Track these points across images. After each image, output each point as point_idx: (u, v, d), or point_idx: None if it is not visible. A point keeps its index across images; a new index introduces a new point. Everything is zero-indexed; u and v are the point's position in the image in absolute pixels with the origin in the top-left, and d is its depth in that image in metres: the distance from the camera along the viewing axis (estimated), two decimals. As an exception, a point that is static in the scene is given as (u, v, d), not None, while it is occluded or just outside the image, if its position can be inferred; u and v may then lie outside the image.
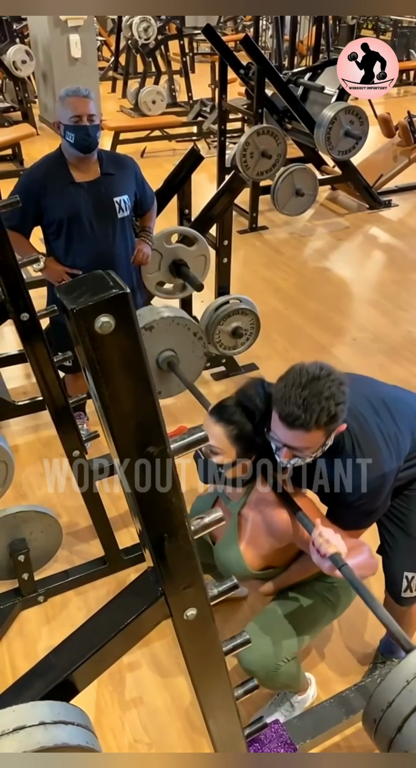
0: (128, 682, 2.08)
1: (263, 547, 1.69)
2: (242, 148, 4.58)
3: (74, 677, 0.99)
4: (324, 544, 1.42)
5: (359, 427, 1.60)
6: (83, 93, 2.42)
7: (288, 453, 1.52)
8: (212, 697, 1.19)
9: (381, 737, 1.08)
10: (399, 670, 1.07)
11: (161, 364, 2.48)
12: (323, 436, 1.49)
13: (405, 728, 1.03)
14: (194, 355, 2.57)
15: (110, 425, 0.83)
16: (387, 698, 1.06)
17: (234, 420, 1.58)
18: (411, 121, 5.85)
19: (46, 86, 7.82)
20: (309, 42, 8.40)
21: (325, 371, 1.45)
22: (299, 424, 1.43)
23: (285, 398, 1.44)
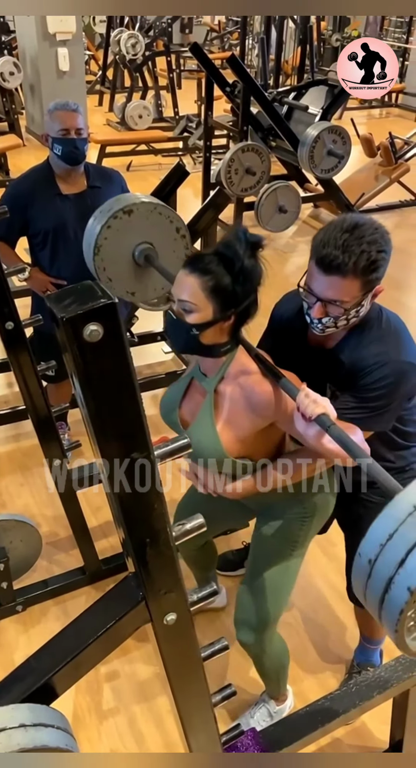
0: (106, 692, 2.09)
1: (242, 427, 1.48)
2: (227, 165, 4.65)
3: (54, 681, 1.01)
4: (310, 404, 1.25)
5: (392, 314, 1.55)
6: (72, 107, 2.46)
7: (321, 308, 1.41)
8: (190, 701, 1.21)
9: (376, 580, 0.87)
10: (404, 496, 0.87)
11: (137, 258, 2.10)
12: (359, 289, 1.39)
13: (409, 560, 0.83)
14: (175, 255, 2.15)
15: (96, 431, 0.85)
16: (388, 529, 0.85)
17: (211, 269, 1.38)
18: (393, 142, 5.98)
19: (33, 98, 7.86)
20: (294, 62, 8.56)
21: (370, 220, 1.39)
22: (336, 266, 1.35)
23: (324, 242, 1.36)
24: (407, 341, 1.54)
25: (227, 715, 1.99)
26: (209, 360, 1.50)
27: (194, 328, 1.40)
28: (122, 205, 2.03)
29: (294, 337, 1.60)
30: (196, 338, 1.41)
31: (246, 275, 1.40)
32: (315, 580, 2.50)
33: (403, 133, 6.49)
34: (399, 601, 0.85)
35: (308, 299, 1.46)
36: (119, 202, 2.04)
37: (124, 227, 2.04)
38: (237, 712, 2.00)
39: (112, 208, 2.01)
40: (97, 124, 8.66)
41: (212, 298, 1.38)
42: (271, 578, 1.68)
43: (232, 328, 1.44)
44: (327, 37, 11.01)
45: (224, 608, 2.33)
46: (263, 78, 6.39)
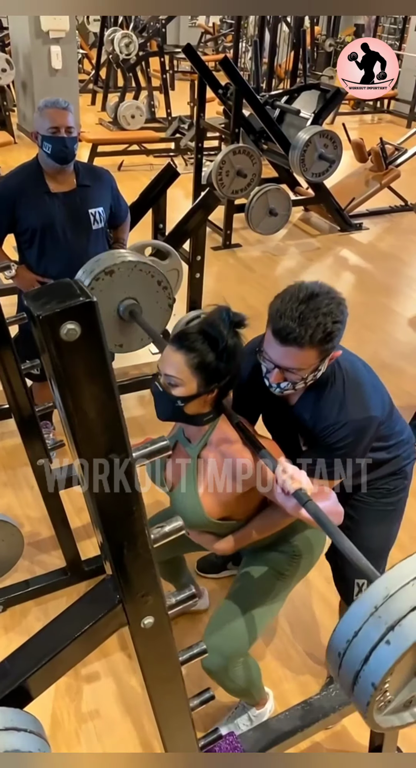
0: (85, 694, 2.07)
1: (223, 493, 1.55)
2: (218, 166, 4.65)
3: (29, 684, 0.99)
4: (288, 480, 1.33)
5: (350, 366, 1.57)
6: (62, 105, 2.44)
7: (279, 375, 1.45)
8: (167, 706, 1.20)
9: (346, 671, 0.97)
10: (367, 597, 0.96)
11: (122, 313, 2.24)
12: (316, 358, 1.43)
13: (372, 658, 0.93)
14: (158, 306, 2.30)
15: (73, 432, 0.84)
16: (354, 627, 0.95)
17: (196, 347, 1.46)
18: (384, 148, 6.00)
19: (25, 96, 7.82)
20: (287, 66, 8.58)
21: (324, 288, 1.42)
22: (293, 339, 1.37)
23: (281, 312, 1.38)
24: (366, 393, 1.57)
25: (207, 719, 1.98)
26: (193, 428, 1.58)
27: (179, 401, 1.48)
28: (103, 267, 2.14)
29: (260, 390, 1.61)
30: (181, 409, 1.50)
31: (229, 353, 1.48)
32: (299, 584, 2.48)
33: (394, 139, 6.52)
34: (366, 695, 0.95)
35: (266, 364, 1.49)
36: (100, 264, 2.16)
37: (107, 287, 2.16)
38: (217, 716, 1.99)
39: (93, 270, 2.14)
40: (89, 123, 8.63)
41: (197, 373, 1.46)
42: (252, 609, 1.68)
43: (215, 399, 1.53)
44: (321, 41, 11.06)
45: (207, 610, 2.32)
46: (256, 81, 6.40)
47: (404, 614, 0.92)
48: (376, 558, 1.84)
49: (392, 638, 0.92)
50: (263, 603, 1.69)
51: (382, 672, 0.92)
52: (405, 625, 0.92)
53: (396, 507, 1.83)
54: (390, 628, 0.92)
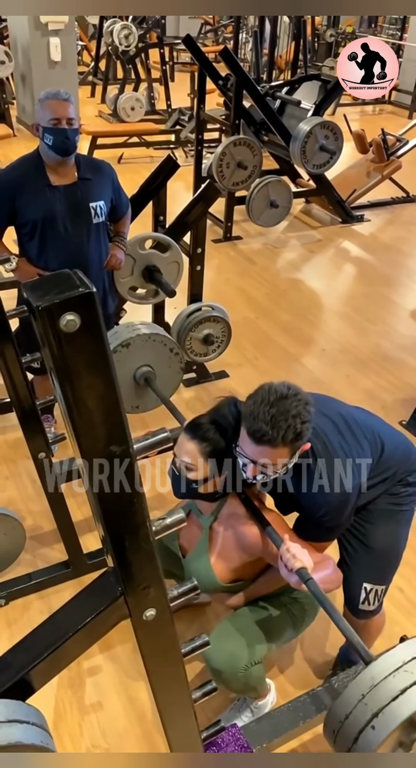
0: (88, 687, 2.07)
1: (233, 561, 1.74)
2: (218, 158, 4.63)
3: (31, 676, 0.99)
4: (291, 559, 1.49)
5: (322, 446, 1.64)
6: (63, 96, 2.42)
7: (254, 469, 1.56)
8: (170, 698, 1.20)
9: (339, 746, 1.15)
10: (356, 684, 1.12)
11: (138, 379, 2.52)
12: (288, 454, 1.53)
13: (360, 739, 1.08)
14: (171, 370, 2.61)
15: (74, 424, 0.83)
16: (345, 711, 1.12)
17: (208, 437, 1.63)
18: (385, 139, 5.97)
19: (24, 88, 7.78)
20: (288, 57, 8.53)
21: (292, 391, 1.51)
22: (266, 440, 1.48)
23: (254, 415, 1.49)
24: (339, 468, 1.64)
25: (210, 712, 1.98)
26: (205, 503, 1.77)
27: (193, 483, 1.66)
28: (120, 341, 2.41)
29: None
30: (195, 489, 1.68)
31: (236, 439, 1.60)
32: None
33: (396, 130, 6.48)
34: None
35: (242, 459, 1.59)
36: (117, 337, 2.42)
37: (124, 357, 2.43)
38: (219, 708, 2.00)
39: (111, 343, 2.34)
40: (89, 116, 8.59)
41: (209, 460, 1.63)
42: (258, 636, 1.75)
43: (225, 479, 1.70)
44: (322, 32, 10.98)
45: (209, 603, 2.32)
46: (256, 72, 6.37)
47: (386, 703, 1.08)
48: (385, 560, 1.85)
49: (376, 724, 1.08)
50: (272, 634, 1.78)
51: (369, 752, 1.09)
52: (387, 713, 1.07)
53: (407, 509, 1.83)
54: (375, 715, 1.08)
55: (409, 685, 1.08)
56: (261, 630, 1.76)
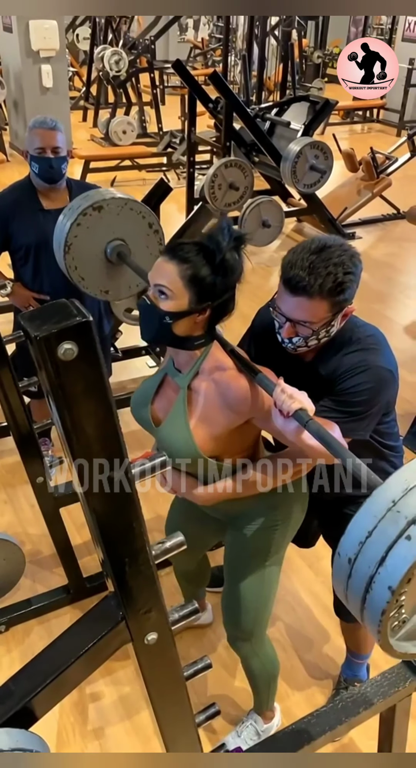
0: (91, 713, 2.06)
1: (217, 424, 1.43)
2: (210, 180, 4.68)
3: (33, 704, 0.99)
4: (287, 399, 1.22)
5: (368, 327, 1.55)
6: (49, 125, 2.45)
7: (290, 328, 1.42)
8: (173, 722, 1.19)
9: (357, 580, 0.85)
10: (382, 491, 0.84)
11: (109, 255, 2.06)
12: (328, 309, 1.39)
13: (389, 558, 0.81)
14: (148, 251, 2.12)
15: (72, 451, 0.84)
16: (368, 525, 0.83)
17: (190, 258, 1.35)
18: (374, 157, 6.05)
19: (17, 114, 7.88)
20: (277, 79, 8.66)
21: (338, 241, 1.39)
22: (302, 288, 1.35)
23: (291, 263, 1.36)
24: (386, 352, 1.54)
25: (214, 733, 1.97)
26: (183, 355, 1.46)
27: (167, 316, 1.36)
28: (91, 202, 1.97)
29: (275, 347, 1.58)
30: (169, 327, 1.37)
31: (227, 268, 1.37)
32: (301, 595, 2.48)
33: (384, 148, 6.57)
34: (381, 602, 0.82)
35: (278, 319, 1.46)
36: (88, 199, 1.99)
37: (94, 224, 1.98)
38: (225, 730, 1.98)
39: (80, 205, 1.98)
40: (81, 140, 8.69)
41: (190, 287, 1.35)
42: (249, 589, 1.67)
43: (207, 321, 1.41)
44: (309, 53, 11.16)
45: (210, 625, 2.31)
46: (245, 94, 6.45)
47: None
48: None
49: (414, 533, 0.79)
50: (257, 583, 1.67)
51: (402, 572, 0.79)
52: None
53: None
54: (412, 522, 0.80)
55: None
56: (255, 569, 1.64)
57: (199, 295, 1.36)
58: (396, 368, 1.56)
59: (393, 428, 1.70)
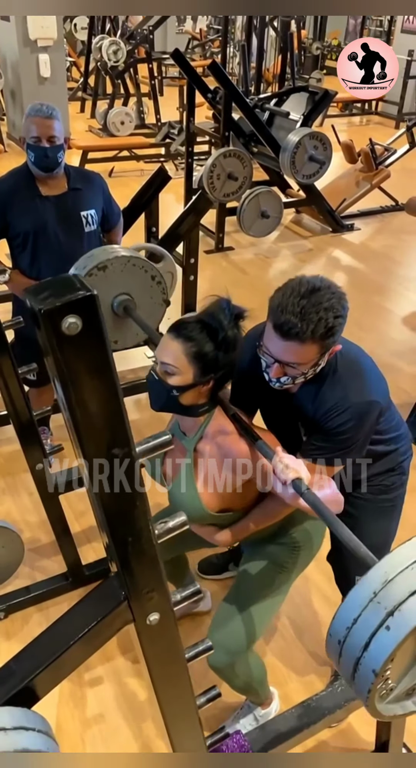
0: (89, 699, 2.06)
1: (221, 484, 1.55)
2: (209, 170, 4.66)
3: (35, 683, 0.99)
4: (284, 469, 1.32)
5: (351, 354, 1.56)
6: (46, 113, 2.43)
7: (279, 369, 1.45)
8: (174, 704, 1.19)
9: (346, 659, 0.96)
10: (365, 583, 0.95)
11: (116, 309, 2.21)
12: (317, 353, 1.42)
13: (372, 645, 0.92)
14: (153, 301, 2.28)
15: (76, 427, 0.84)
16: (352, 614, 0.94)
17: (193, 337, 1.45)
18: (373, 148, 6.03)
19: (14, 104, 7.83)
20: (275, 70, 8.62)
21: (326, 283, 1.41)
22: (294, 334, 1.37)
23: (282, 307, 1.37)
24: (367, 378, 1.56)
25: (212, 720, 1.97)
26: (189, 419, 1.57)
27: (174, 390, 1.47)
28: (96, 263, 2.11)
29: (259, 382, 1.59)
30: (176, 399, 1.48)
31: (228, 344, 1.47)
32: (300, 582, 2.48)
33: (383, 139, 6.56)
34: (367, 682, 0.94)
35: (265, 359, 1.48)
36: (93, 259, 2.13)
37: (100, 282, 2.12)
38: (223, 716, 1.99)
39: (86, 265, 2.11)
40: (79, 131, 8.64)
41: (194, 363, 1.45)
42: (254, 604, 1.68)
43: (211, 390, 1.51)
44: (308, 45, 11.11)
45: (209, 612, 2.31)
46: (244, 85, 6.43)
47: (403, 599, 0.91)
48: (379, 552, 1.85)
49: (392, 624, 0.90)
50: (265, 597, 1.69)
51: (383, 658, 0.91)
52: (404, 610, 0.90)
53: (395, 503, 1.83)
54: (390, 614, 0.91)
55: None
56: (255, 602, 1.66)
57: (203, 369, 1.46)
58: (378, 388, 1.59)
59: (390, 422, 1.71)
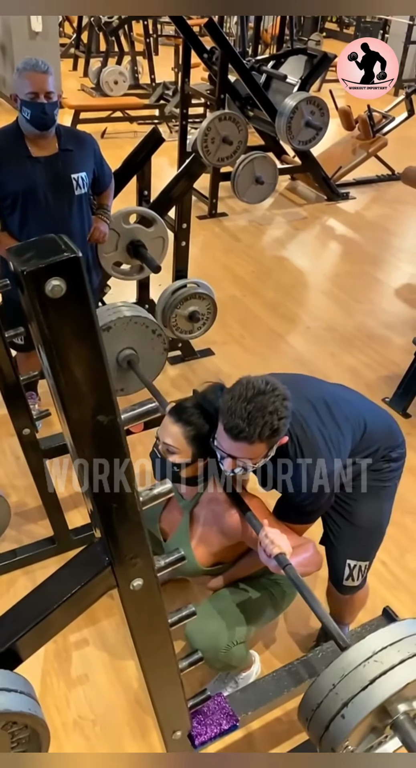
0: (75, 660, 2.09)
1: (213, 545, 1.76)
2: (203, 133, 4.55)
3: (18, 646, 0.99)
4: (269, 545, 1.48)
5: (302, 432, 1.64)
6: (42, 68, 2.36)
7: (232, 463, 1.56)
8: (157, 668, 1.21)
9: (312, 733, 1.19)
10: (328, 674, 1.15)
11: (121, 362, 2.50)
12: (265, 449, 1.53)
13: (331, 727, 1.12)
14: (154, 351, 2.61)
15: (60, 393, 0.83)
16: (317, 699, 1.15)
17: (192, 421, 1.64)
18: (371, 115, 5.94)
19: (5, 60, 7.62)
20: (274, 31, 8.42)
21: (270, 386, 1.50)
22: (243, 437, 1.47)
23: (231, 411, 1.48)
24: (322, 450, 1.63)
25: (195, 682, 2.01)
26: (187, 486, 1.76)
27: (176, 466, 1.67)
28: (101, 324, 2.36)
29: None
30: (177, 473, 1.68)
31: None
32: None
33: (381, 106, 6.45)
34: (328, 750, 1.15)
35: (219, 452, 1.58)
36: (99, 319, 2.22)
37: (105, 340, 2.36)
38: (205, 679, 2.02)
39: None
40: (71, 89, 8.44)
41: (193, 444, 1.64)
42: (239, 618, 1.75)
43: (207, 464, 1.70)
44: (308, 6, 10.84)
45: (194, 578, 2.34)
46: (241, 46, 6.28)
47: (355, 693, 1.10)
48: (369, 538, 1.88)
49: (346, 713, 1.10)
50: (252, 616, 1.78)
51: (340, 739, 1.11)
52: (356, 703, 1.09)
53: (390, 485, 1.85)
54: (345, 705, 1.11)
55: (378, 675, 1.10)
56: (242, 611, 1.77)
57: (200, 449, 1.65)
58: (337, 449, 1.66)
59: (372, 440, 1.76)
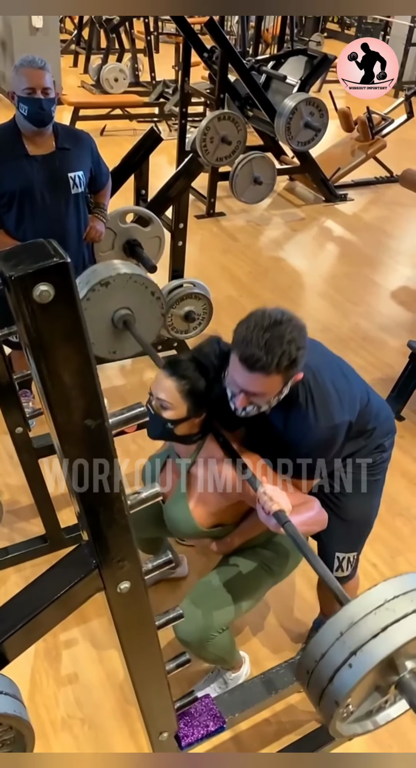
0: (64, 659, 2.09)
1: (212, 505, 1.69)
2: (202, 133, 4.57)
3: (5, 647, 1.00)
4: (268, 501, 1.42)
5: (313, 379, 1.59)
6: (39, 64, 2.36)
7: (244, 399, 1.50)
8: (144, 670, 1.21)
9: (313, 688, 1.09)
10: (334, 622, 1.06)
11: (116, 322, 2.37)
12: (281, 382, 1.48)
13: (336, 679, 1.04)
14: (152, 314, 2.46)
15: (48, 398, 0.83)
16: (321, 649, 1.06)
17: (187, 375, 1.57)
18: (370, 117, 5.94)
19: (5, 55, 7.60)
20: (274, 31, 8.42)
21: (287, 316, 1.45)
22: (260, 367, 1.41)
23: (247, 341, 1.42)
24: (331, 402, 1.59)
25: (184, 682, 2.01)
26: (182, 446, 1.71)
27: (169, 423, 1.60)
28: (99, 279, 2.26)
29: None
30: (171, 430, 1.62)
31: (219, 380, 1.58)
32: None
33: (381, 108, 6.45)
34: (330, 709, 1.08)
35: (231, 388, 1.53)
36: (96, 275, 2.29)
37: (102, 297, 2.29)
38: (194, 679, 2.03)
39: (89, 281, 2.25)
40: (71, 86, 8.42)
41: (187, 399, 1.57)
42: (233, 595, 1.72)
43: (203, 421, 1.64)
44: (309, 6, 10.83)
45: (185, 577, 2.34)
46: (242, 46, 6.28)
47: (365, 641, 1.03)
48: (358, 531, 1.89)
49: (354, 662, 1.03)
50: (245, 593, 1.75)
51: (344, 692, 1.04)
52: (365, 651, 1.02)
53: (378, 478, 1.86)
54: (353, 653, 1.04)
55: (391, 622, 1.03)
56: (230, 592, 1.72)
57: (195, 404, 1.58)
58: (346, 407, 1.62)
59: (369, 415, 1.73)
